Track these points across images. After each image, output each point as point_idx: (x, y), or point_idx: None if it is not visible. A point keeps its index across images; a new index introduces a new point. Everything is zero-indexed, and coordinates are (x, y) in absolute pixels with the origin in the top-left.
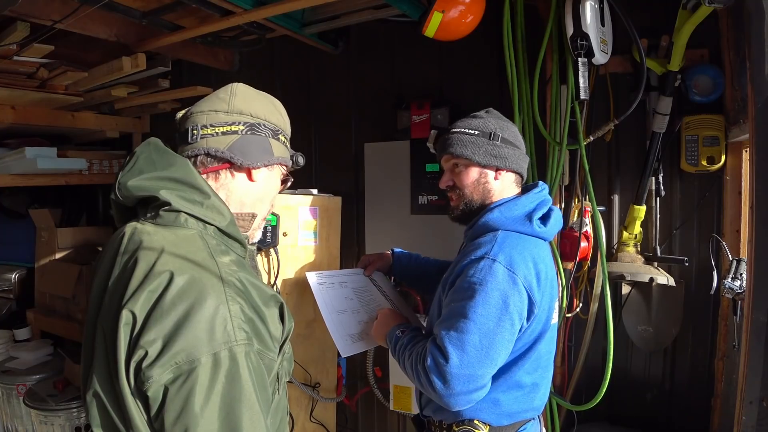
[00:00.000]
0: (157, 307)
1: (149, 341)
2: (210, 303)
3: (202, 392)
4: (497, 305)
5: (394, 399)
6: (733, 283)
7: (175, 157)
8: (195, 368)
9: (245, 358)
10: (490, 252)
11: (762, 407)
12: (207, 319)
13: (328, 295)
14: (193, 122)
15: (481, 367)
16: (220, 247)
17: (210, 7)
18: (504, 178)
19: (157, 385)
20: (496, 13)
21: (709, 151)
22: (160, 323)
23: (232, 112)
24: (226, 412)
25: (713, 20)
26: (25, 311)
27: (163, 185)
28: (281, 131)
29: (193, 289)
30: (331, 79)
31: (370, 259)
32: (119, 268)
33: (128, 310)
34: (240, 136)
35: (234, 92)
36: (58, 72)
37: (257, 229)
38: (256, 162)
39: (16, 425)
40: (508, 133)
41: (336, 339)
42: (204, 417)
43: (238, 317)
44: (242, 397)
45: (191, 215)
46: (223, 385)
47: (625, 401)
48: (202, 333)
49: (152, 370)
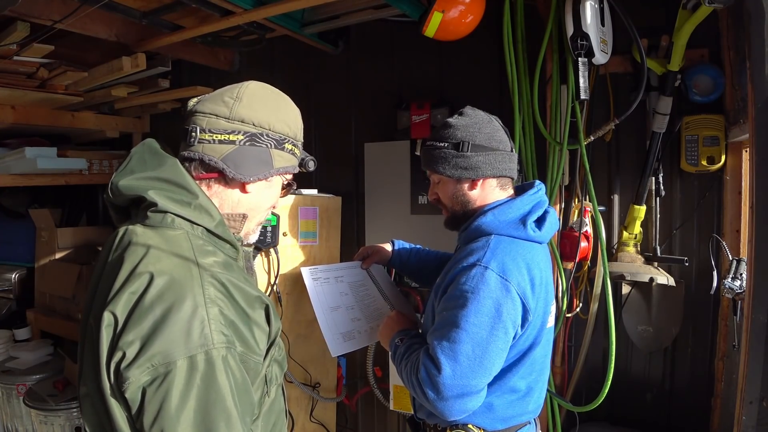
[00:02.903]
0: (136, 308)
1: (128, 342)
2: (188, 305)
3: (178, 395)
4: (490, 314)
5: (394, 399)
6: (733, 283)
7: (166, 158)
8: (171, 371)
9: (223, 361)
10: (483, 259)
11: (762, 407)
12: (184, 321)
13: (322, 291)
14: (194, 123)
15: (475, 377)
16: (206, 248)
17: (210, 7)
18: (483, 186)
19: (135, 387)
20: (496, 13)
21: (709, 151)
22: (139, 325)
23: (234, 119)
24: (202, 416)
25: (713, 20)
26: (25, 311)
27: (151, 185)
28: (288, 140)
29: (171, 290)
30: (331, 79)
31: (369, 251)
32: (107, 270)
33: (110, 312)
34: (237, 147)
35: (240, 96)
36: (58, 72)
37: (253, 232)
38: (249, 176)
39: (16, 425)
40: (480, 137)
41: (327, 337)
42: (179, 420)
43: (216, 320)
44: (218, 401)
45: (178, 216)
46: (198, 388)
47: (625, 401)
48: (178, 335)
49: (129, 371)
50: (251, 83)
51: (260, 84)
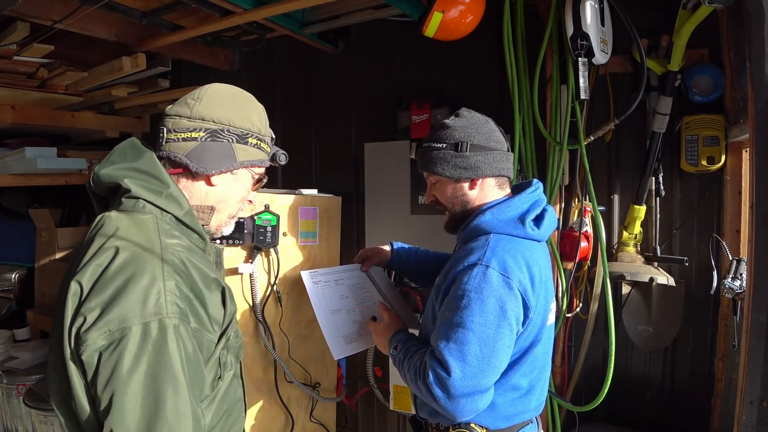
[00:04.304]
0: (100, 278)
1: (89, 308)
2: (147, 276)
3: (131, 358)
4: (495, 312)
5: (394, 399)
6: (733, 283)
7: (145, 152)
8: (126, 335)
9: (174, 330)
10: (483, 258)
11: (762, 407)
12: (141, 290)
13: (323, 295)
14: (163, 125)
15: (485, 376)
16: (172, 232)
17: (210, 7)
18: (482, 186)
19: (91, 350)
20: (496, 13)
21: (709, 151)
22: (101, 293)
23: (195, 118)
24: (151, 380)
25: (713, 20)
26: (25, 311)
27: (127, 174)
28: (252, 134)
29: (133, 263)
30: (331, 79)
31: (368, 253)
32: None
33: (76, 281)
34: (199, 143)
35: (200, 97)
36: (58, 72)
37: (225, 225)
38: (212, 169)
39: (16, 425)
40: (478, 138)
41: (329, 340)
42: (130, 383)
43: (172, 292)
44: (168, 366)
45: (149, 202)
46: (150, 353)
47: (625, 401)
48: (135, 303)
49: (88, 334)
50: (213, 85)
51: (222, 85)
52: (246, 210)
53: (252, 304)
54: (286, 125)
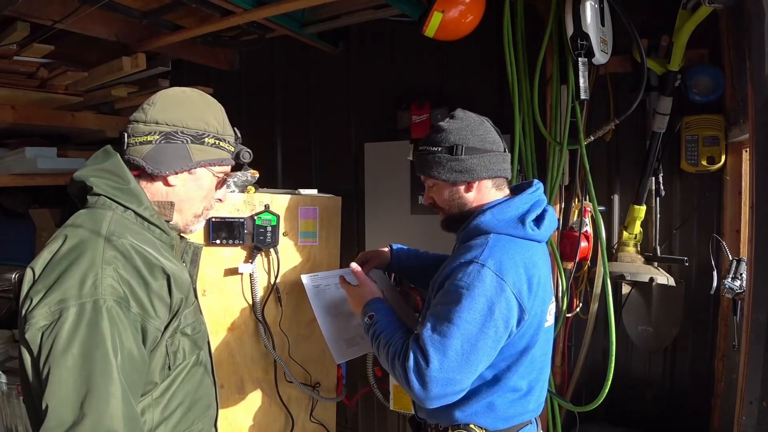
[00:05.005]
0: (49, 263)
1: (36, 291)
2: (86, 260)
3: (66, 337)
4: (482, 311)
5: (394, 399)
6: (733, 283)
7: (113, 155)
8: (63, 315)
9: (107, 311)
10: (480, 256)
11: (762, 407)
12: (81, 273)
13: (323, 298)
14: (125, 131)
15: (460, 372)
16: (131, 227)
17: (210, 7)
18: (479, 188)
19: (34, 329)
20: (496, 13)
21: (709, 151)
22: (48, 276)
23: (149, 122)
24: (83, 360)
25: (713, 20)
26: None
27: (94, 173)
28: (208, 134)
29: (77, 248)
30: (331, 79)
31: (368, 256)
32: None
33: (30, 268)
34: (154, 146)
35: (154, 102)
36: (58, 72)
37: (192, 223)
38: (167, 170)
39: (16, 424)
40: (474, 140)
41: (331, 344)
42: (64, 360)
43: (110, 276)
44: (99, 345)
45: (111, 198)
46: (83, 332)
47: (625, 401)
48: (74, 285)
49: (32, 313)
50: (168, 89)
51: (178, 88)
52: (245, 210)
53: (252, 304)
54: (286, 125)
